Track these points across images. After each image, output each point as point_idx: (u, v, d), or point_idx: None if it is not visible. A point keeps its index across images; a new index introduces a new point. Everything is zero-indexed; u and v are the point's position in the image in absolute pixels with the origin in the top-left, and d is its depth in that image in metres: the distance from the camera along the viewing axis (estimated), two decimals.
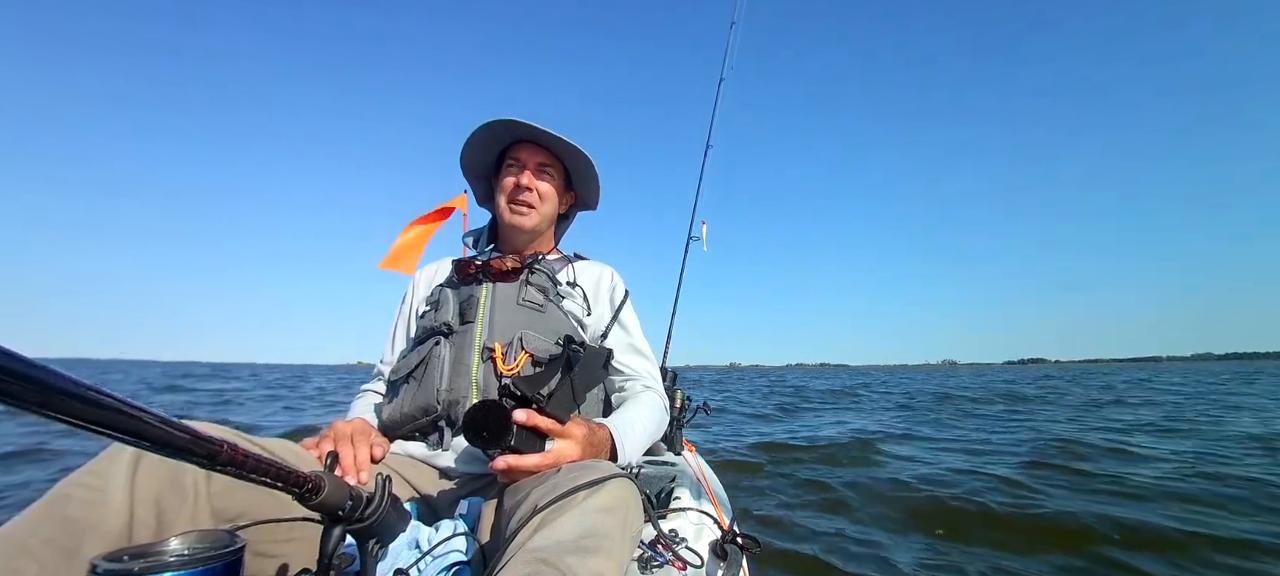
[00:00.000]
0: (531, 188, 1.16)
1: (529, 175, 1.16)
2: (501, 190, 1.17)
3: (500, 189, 1.18)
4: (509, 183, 1.16)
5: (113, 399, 0.32)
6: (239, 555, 0.48)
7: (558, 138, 1.15)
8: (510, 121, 1.13)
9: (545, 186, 1.19)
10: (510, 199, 1.16)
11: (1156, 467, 3.44)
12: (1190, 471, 3.30)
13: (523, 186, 1.15)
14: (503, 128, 1.15)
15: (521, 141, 1.18)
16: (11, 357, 0.26)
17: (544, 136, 1.15)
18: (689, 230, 2.52)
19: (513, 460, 0.72)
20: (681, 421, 1.71)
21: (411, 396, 1.01)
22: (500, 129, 1.15)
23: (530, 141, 1.18)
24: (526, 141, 1.18)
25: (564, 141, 1.16)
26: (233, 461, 0.42)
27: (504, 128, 1.15)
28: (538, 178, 1.18)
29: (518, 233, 1.18)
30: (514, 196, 1.16)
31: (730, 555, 0.83)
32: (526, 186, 1.15)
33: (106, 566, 0.43)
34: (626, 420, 0.97)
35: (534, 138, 1.17)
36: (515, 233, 1.19)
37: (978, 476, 3.23)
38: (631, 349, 1.18)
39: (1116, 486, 2.98)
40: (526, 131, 1.15)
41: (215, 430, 0.61)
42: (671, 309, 2.38)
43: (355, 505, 0.57)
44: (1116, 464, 3.60)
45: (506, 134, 1.17)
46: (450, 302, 1.09)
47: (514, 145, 1.19)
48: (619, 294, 1.23)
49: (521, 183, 1.15)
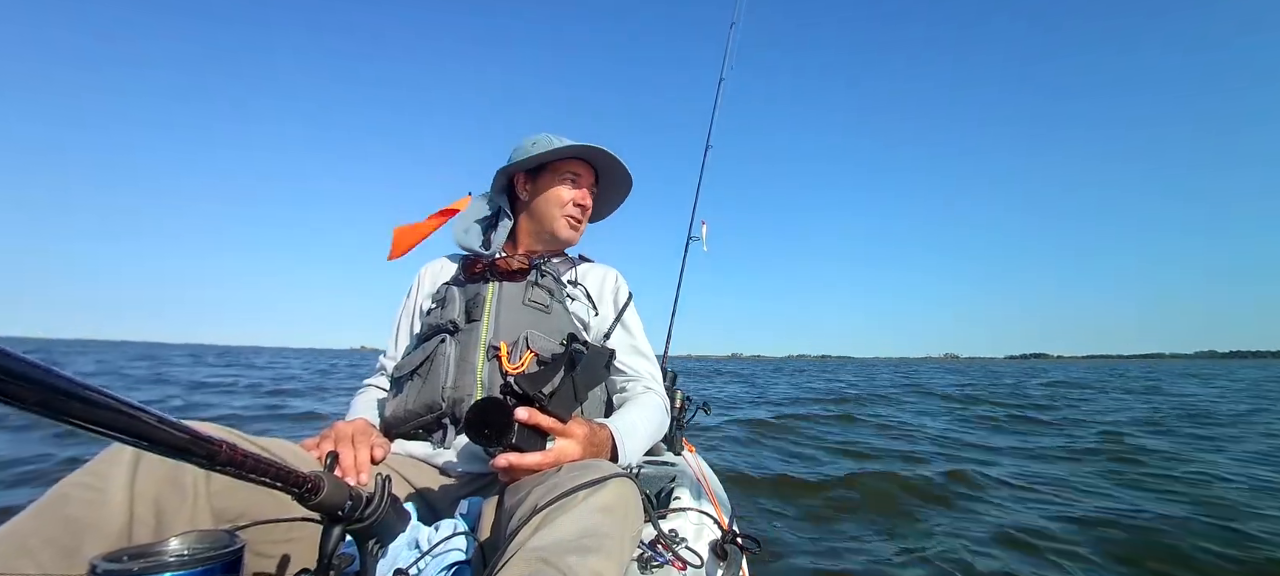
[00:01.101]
0: (586, 205, 1.23)
1: (586, 192, 1.23)
2: (555, 200, 1.20)
3: (552, 199, 1.20)
4: (570, 195, 1.21)
5: (113, 399, 0.32)
6: (239, 555, 0.48)
7: (628, 173, 1.26)
8: (607, 153, 1.20)
9: (591, 204, 1.26)
10: (568, 214, 1.21)
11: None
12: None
13: (583, 205, 1.22)
14: (588, 153, 1.22)
15: (581, 159, 1.23)
16: (11, 358, 0.26)
17: (617, 168, 1.24)
18: (689, 230, 2.52)
19: (514, 458, 0.73)
20: (681, 422, 1.71)
21: (416, 393, 1.01)
22: (584, 153, 1.22)
23: (589, 162, 1.24)
24: (585, 160, 1.24)
25: (628, 175, 1.27)
26: (232, 461, 0.42)
27: (589, 153, 1.22)
28: (590, 196, 1.25)
29: (565, 244, 1.25)
30: (575, 212, 1.22)
31: (730, 555, 0.83)
32: (584, 205, 1.22)
33: (106, 566, 0.43)
34: (628, 421, 0.97)
35: (610, 167, 1.25)
36: (563, 243, 1.24)
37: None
38: (634, 350, 1.18)
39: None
40: (608, 160, 1.22)
41: (215, 430, 0.61)
42: (671, 308, 2.38)
43: (355, 505, 0.57)
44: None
45: (579, 152, 1.22)
46: (456, 300, 1.09)
47: (571, 160, 1.22)
48: (623, 295, 1.23)
49: (583, 202, 1.22)
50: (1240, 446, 4.47)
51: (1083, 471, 3.61)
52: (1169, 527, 2.36)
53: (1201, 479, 3.29)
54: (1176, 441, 4.77)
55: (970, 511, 2.72)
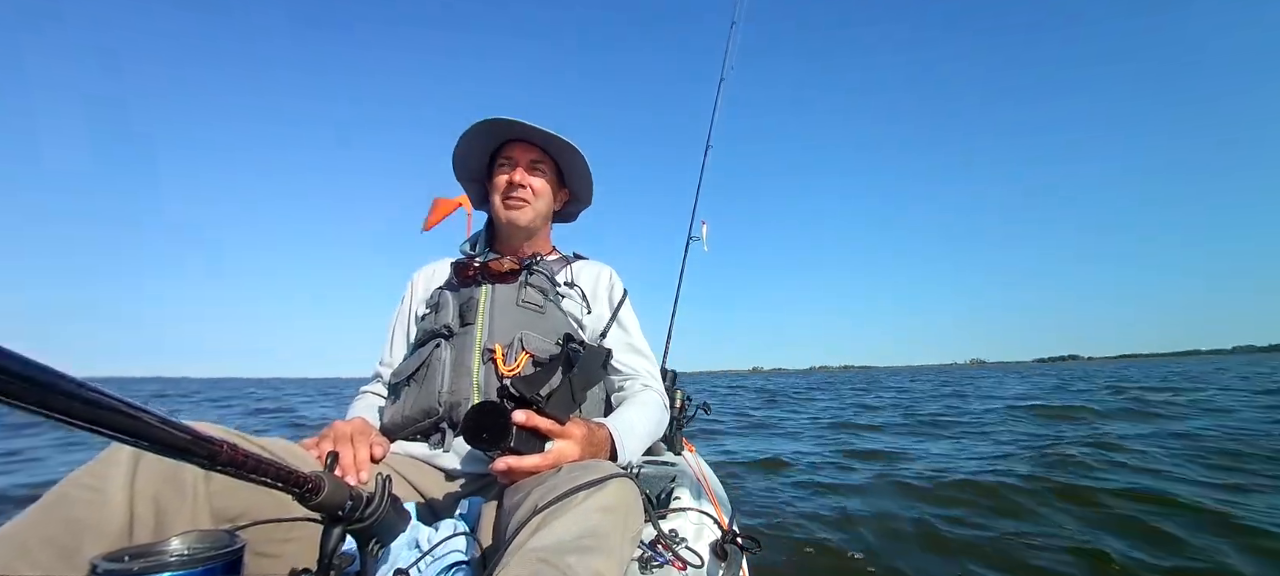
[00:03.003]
0: (524, 183, 1.17)
1: (521, 171, 1.17)
2: (495, 189, 1.18)
3: (494, 188, 1.19)
4: (502, 180, 1.17)
5: (113, 399, 0.32)
6: (239, 555, 0.48)
7: (546, 133, 1.16)
8: (497, 121, 1.14)
9: (538, 182, 1.19)
10: (504, 196, 1.17)
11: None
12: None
13: (516, 182, 1.16)
14: (492, 127, 1.16)
15: (513, 140, 1.19)
16: (11, 358, 0.26)
17: (533, 133, 1.16)
18: (689, 230, 2.53)
19: (513, 461, 0.73)
20: (681, 421, 1.71)
21: (413, 399, 1.01)
22: (490, 129, 1.16)
23: (521, 140, 1.19)
24: (518, 140, 1.19)
25: (553, 136, 1.17)
26: (232, 461, 0.42)
27: (493, 127, 1.16)
28: (530, 174, 1.18)
29: (514, 228, 1.19)
30: (507, 193, 1.17)
31: (730, 555, 0.83)
32: (519, 182, 1.16)
33: (106, 566, 0.43)
34: (626, 420, 0.97)
35: (524, 135, 1.18)
36: (512, 229, 1.19)
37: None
38: (630, 348, 1.18)
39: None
40: (515, 129, 1.16)
41: (215, 430, 0.61)
42: (671, 309, 2.38)
43: (355, 505, 0.57)
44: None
45: (497, 134, 1.18)
46: (450, 305, 1.09)
47: (505, 145, 1.20)
48: (617, 293, 1.23)
49: (514, 179, 1.16)
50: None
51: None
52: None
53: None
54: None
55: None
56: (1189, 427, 5.18)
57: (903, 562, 2.17)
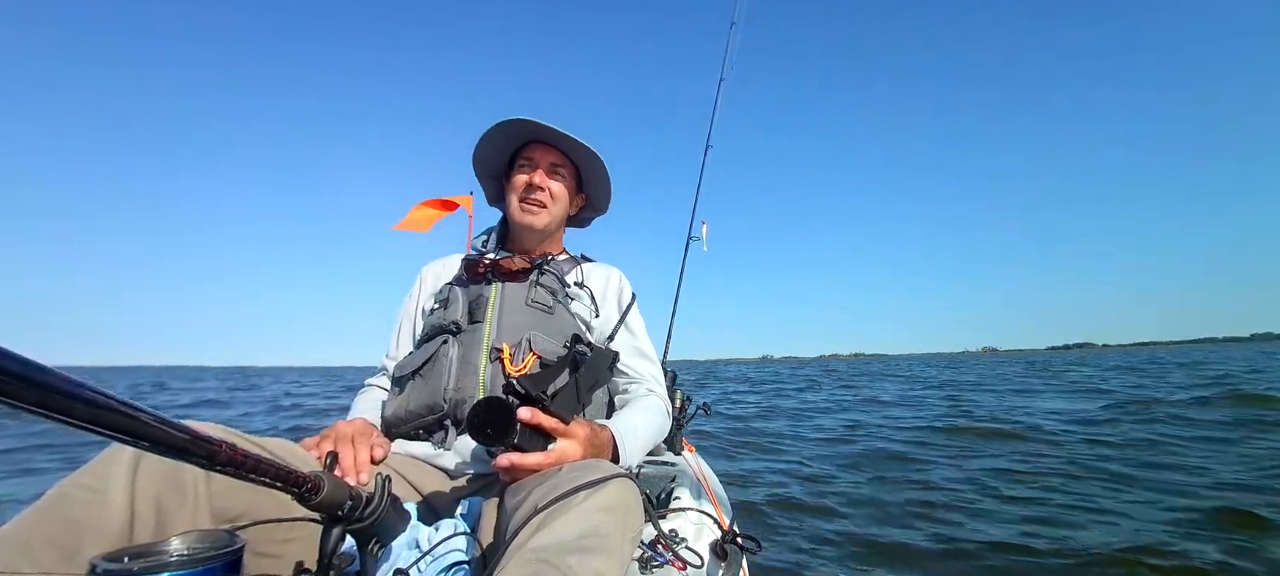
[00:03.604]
0: (543, 187, 1.17)
1: (541, 174, 1.17)
2: (513, 189, 1.19)
3: (511, 188, 1.19)
4: (521, 181, 1.18)
5: (112, 399, 0.32)
6: (239, 555, 0.48)
7: (571, 138, 1.17)
8: (525, 121, 1.14)
9: (557, 186, 1.20)
10: (522, 198, 1.18)
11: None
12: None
13: (535, 185, 1.17)
14: (517, 127, 1.16)
15: (534, 141, 1.20)
16: (11, 358, 0.26)
17: (557, 137, 1.17)
18: (689, 230, 2.53)
19: (516, 458, 0.73)
20: (681, 422, 1.71)
21: (418, 393, 1.01)
22: (515, 129, 1.17)
23: (543, 142, 1.20)
24: (539, 141, 1.20)
25: (577, 142, 1.17)
26: (232, 461, 0.42)
27: (518, 127, 1.16)
28: (550, 177, 1.19)
29: (529, 231, 1.19)
30: (526, 195, 1.17)
31: (730, 555, 0.83)
32: (538, 185, 1.17)
33: (106, 566, 0.43)
34: (629, 422, 0.97)
35: (548, 138, 1.18)
36: (526, 232, 1.20)
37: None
38: (637, 352, 1.18)
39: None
40: (541, 131, 1.16)
41: (215, 430, 0.61)
42: (671, 308, 2.38)
43: (355, 505, 0.57)
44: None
45: (520, 134, 1.19)
46: (459, 301, 1.09)
47: (527, 145, 1.20)
48: (626, 296, 1.23)
49: (534, 182, 1.17)
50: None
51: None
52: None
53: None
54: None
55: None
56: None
57: (903, 563, 2.18)
